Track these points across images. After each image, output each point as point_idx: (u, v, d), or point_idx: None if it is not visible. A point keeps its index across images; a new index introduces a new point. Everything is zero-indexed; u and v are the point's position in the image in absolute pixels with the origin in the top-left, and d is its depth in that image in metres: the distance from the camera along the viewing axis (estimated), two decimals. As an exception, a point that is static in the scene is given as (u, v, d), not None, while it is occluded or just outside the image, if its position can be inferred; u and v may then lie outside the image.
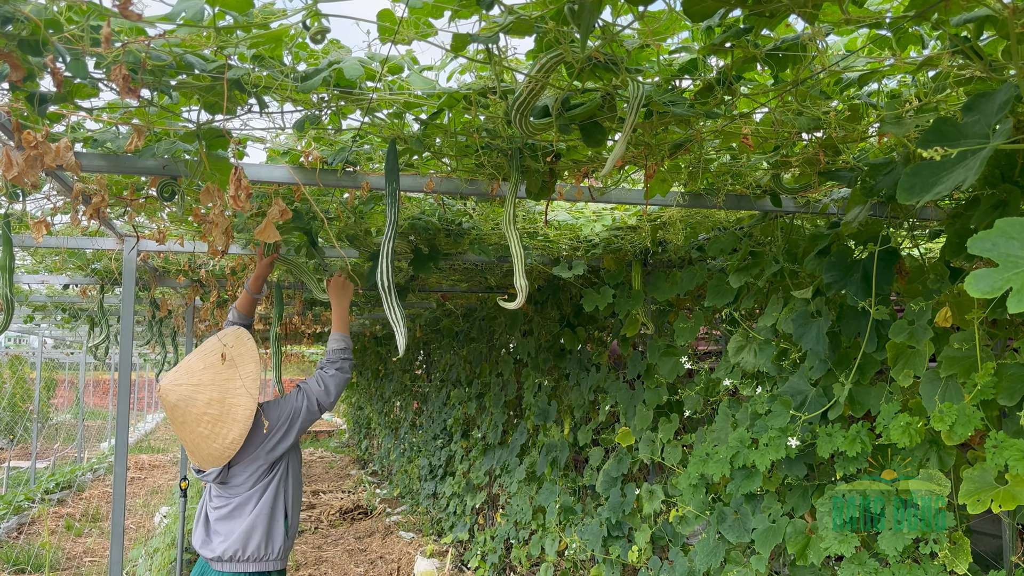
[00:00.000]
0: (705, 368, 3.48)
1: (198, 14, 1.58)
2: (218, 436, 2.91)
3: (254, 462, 3.03)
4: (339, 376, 3.20)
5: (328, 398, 3.16)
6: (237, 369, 3.00)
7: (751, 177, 2.66)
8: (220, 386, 2.94)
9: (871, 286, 2.36)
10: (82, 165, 2.27)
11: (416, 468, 8.91)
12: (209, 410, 2.90)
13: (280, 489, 3.08)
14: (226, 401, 2.93)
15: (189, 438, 2.94)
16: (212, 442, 2.91)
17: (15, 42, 1.60)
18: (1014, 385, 2.02)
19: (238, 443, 2.94)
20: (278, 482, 3.07)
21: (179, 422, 2.93)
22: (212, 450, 2.93)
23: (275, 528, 3.03)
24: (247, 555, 2.98)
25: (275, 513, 3.04)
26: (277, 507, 3.06)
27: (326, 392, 3.16)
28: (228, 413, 2.92)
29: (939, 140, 1.46)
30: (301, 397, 3.14)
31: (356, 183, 2.49)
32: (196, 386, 2.93)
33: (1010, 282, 1.07)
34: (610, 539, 3.93)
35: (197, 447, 2.95)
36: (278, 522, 3.05)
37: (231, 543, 2.97)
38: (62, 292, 6.26)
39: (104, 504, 10.02)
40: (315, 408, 3.15)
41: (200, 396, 2.91)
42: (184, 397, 2.91)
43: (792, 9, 1.49)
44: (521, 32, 1.64)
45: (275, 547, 3.03)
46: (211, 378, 2.95)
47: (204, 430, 2.90)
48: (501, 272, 4.99)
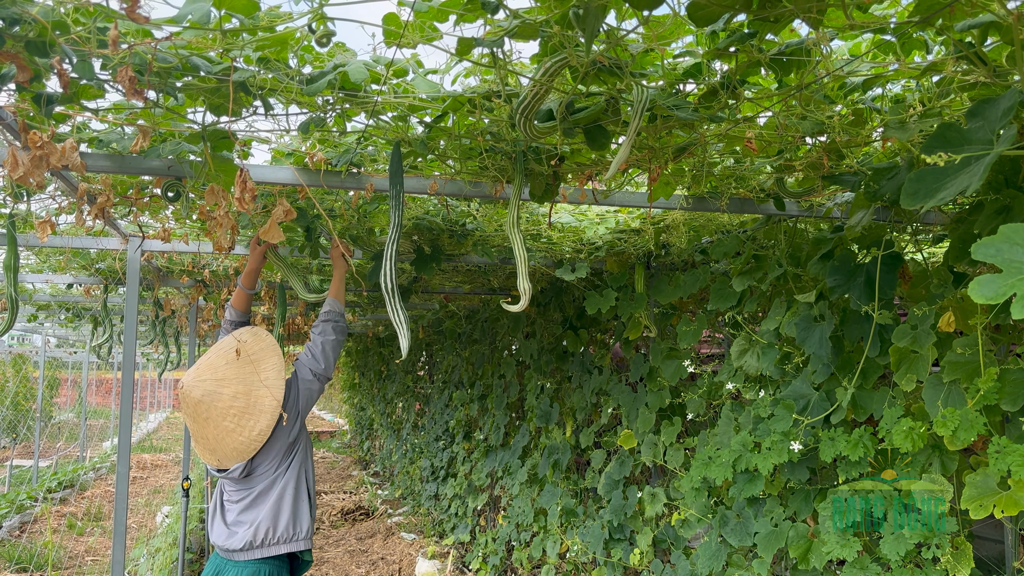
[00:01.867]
0: (708, 371, 3.48)
1: (204, 17, 1.59)
2: (244, 428, 2.94)
3: (273, 448, 3.04)
4: (322, 339, 3.15)
5: (318, 364, 3.13)
6: (259, 364, 3.05)
7: (755, 181, 2.66)
8: (244, 380, 2.98)
9: (874, 290, 2.36)
10: (87, 165, 2.27)
11: (418, 469, 8.91)
12: (235, 403, 2.94)
13: (301, 469, 3.10)
14: (252, 394, 2.97)
15: (213, 434, 2.95)
16: (238, 435, 2.94)
17: (22, 43, 1.60)
18: (1017, 390, 2.02)
19: (265, 434, 2.97)
20: (299, 463, 3.09)
21: (203, 418, 2.94)
22: (237, 444, 2.95)
23: (301, 507, 3.06)
24: (277, 536, 2.98)
25: (300, 492, 3.07)
26: (300, 487, 3.08)
27: (314, 359, 3.14)
28: (255, 405, 2.96)
29: (943, 146, 1.46)
30: (294, 376, 3.14)
31: (360, 185, 2.50)
32: (220, 380, 2.97)
33: (1014, 288, 1.07)
34: (612, 542, 3.93)
35: (221, 442, 2.95)
36: (303, 501, 3.08)
37: (259, 528, 2.98)
38: (66, 291, 6.28)
39: (106, 503, 10.03)
40: (309, 378, 3.13)
41: (226, 390, 2.95)
42: (209, 392, 2.94)
43: (797, 14, 1.49)
44: (526, 36, 1.65)
45: (303, 526, 3.05)
46: (235, 373, 2.99)
47: (230, 424, 2.93)
48: (504, 274, 5.00)
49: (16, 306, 2.84)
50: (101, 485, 11.65)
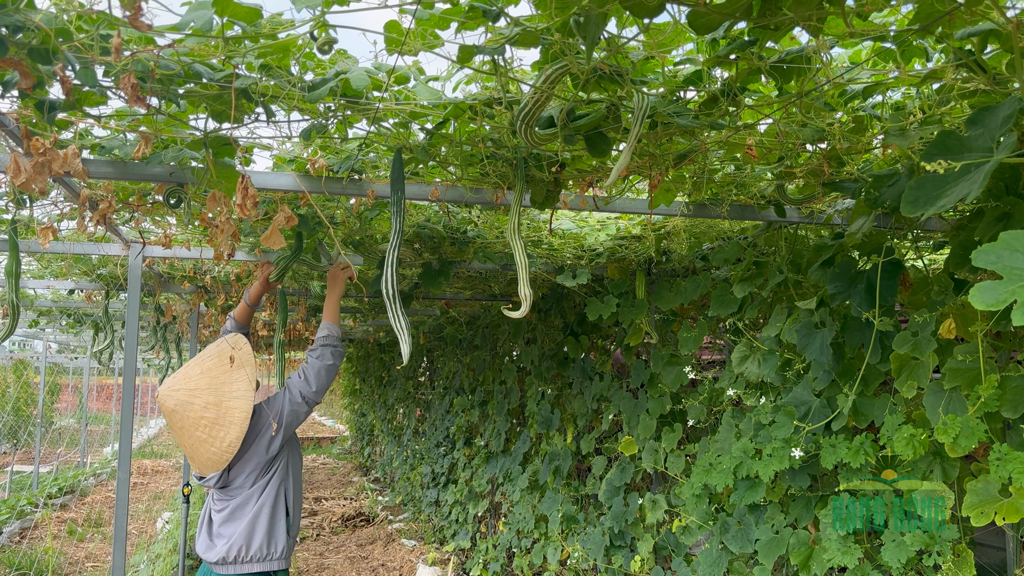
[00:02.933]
0: (709, 378, 3.48)
1: (207, 24, 1.60)
2: (215, 440, 2.94)
3: (250, 462, 3.03)
4: (318, 364, 3.12)
5: (310, 387, 3.10)
6: (232, 373, 3.03)
7: (755, 187, 2.67)
8: (216, 390, 2.98)
9: (875, 297, 2.36)
10: (89, 172, 2.28)
11: (418, 475, 8.90)
12: (206, 414, 2.94)
13: (280, 488, 3.07)
14: (222, 404, 2.96)
15: (188, 443, 2.96)
16: (210, 446, 2.94)
17: (25, 50, 1.61)
18: (1018, 397, 2.02)
19: (235, 446, 2.95)
20: (278, 482, 3.06)
21: (178, 427, 2.96)
22: (210, 454, 2.95)
23: (277, 527, 3.04)
24: (250, 555, 2.98)
25: (276, 512, 3.04)
26: (278, 506, 3.05)
27: (306, 382, 3.10)
28: (225, 416, 2.95)
29: (943, 153, 1.46)
30: (284, 395, 3.11)
31: (362, 191, 2.51)
32: (193, 391, 2.97)
33: (1014, 295, 1.08)
34: (613, 548, 3.92)
35: (196, 452, 2.96)
36: (279, 521, 3.05)
37: (233, 543, 2.97)
38: (67, 297, 6.28)
39: (107, 509, 10.02)
40: (299, 400, 3.09)
41: (197, 400, 2.95)
42: (181, 402, 2.94)
43: (797, 22, 1.49)
44: (527, 44, 1.65)
45: (278, 546, 3.03)
46: (208, 383, 2.99)
47: (202, 434, 2.93)
48: (505, 280, 5.00)
49: (17, 312, 2.84)
50: (102, 491, 11.64)
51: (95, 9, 1.58)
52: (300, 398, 3.10)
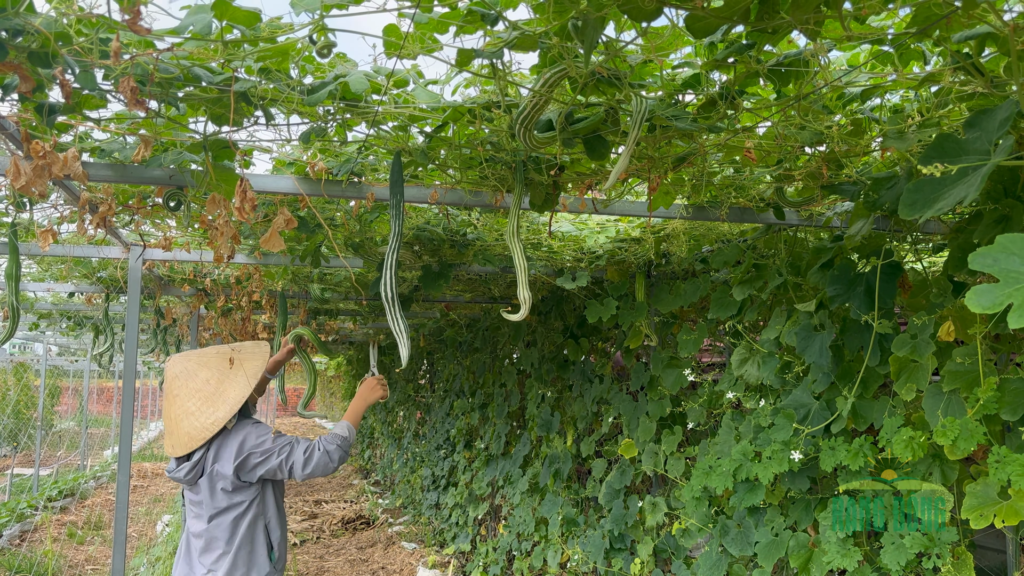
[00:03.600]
0: (709, 380, 3.48)
1: (206, 28, 1.60)
2: (203, 414, 2.96)
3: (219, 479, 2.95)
4: (323, 458, 3.01)
5: (302, 470, 2.99)
6: (243, 364, 3.10)
7: (754, 190, 2.67)
8: (222, 371, 3.07)
9: (874, 300, 2.36)
10: (89, 175, 2.28)
11: (419, 478, 8.90)
12: (205, 387, 3.01)
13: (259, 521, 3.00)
14: (223, 383, 3.03)
15: (175, 414, 2.97)
16: (196, 419, 2.94)
17: (25, 54, 1.62)
18: (1017, 400, 2.02)
19: (219, 423, 2.92)
20: (255, 515, 2.99)
21: (172, 394, 3.03)
22: (192, 428, 2.93)
23: (257, 558, 2.97)
24: None
25: (256, 545, 2.98)
26: (257, 539, 2.98)
27: (304, 463, 2.99)
28: (220, 394, 2.99)
29: (940, 156, 1.46)
30: (284, 446, 3.01)
31: (361, 194, 2.51)
32: (201, 364, 3.09)
33: (1011, 297, 1.08)
34: (613, 551, 3.92)
35: (179, 425, 2.94)
36: (259, 551, 2.98)
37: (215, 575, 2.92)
38: (67, 300, 6.28)
39: (107, 512, 10.02)
40: (284, 469, 2.99)
41: (201, 373, 3.05)
42: (187, 370, 3.05)
43: (794, 25, 1.50)
44: (525, 47, 1.66)
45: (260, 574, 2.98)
46: (217, 363, 3.10)
47: (192, 406, 2.97)
48: (505, 282, 5.00)
49: (18, 315, 2.85)
50: (102, 494, 11.64)
51: (94, 13, 1.59)
52: (288, 468, 2.99)
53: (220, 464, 2.93)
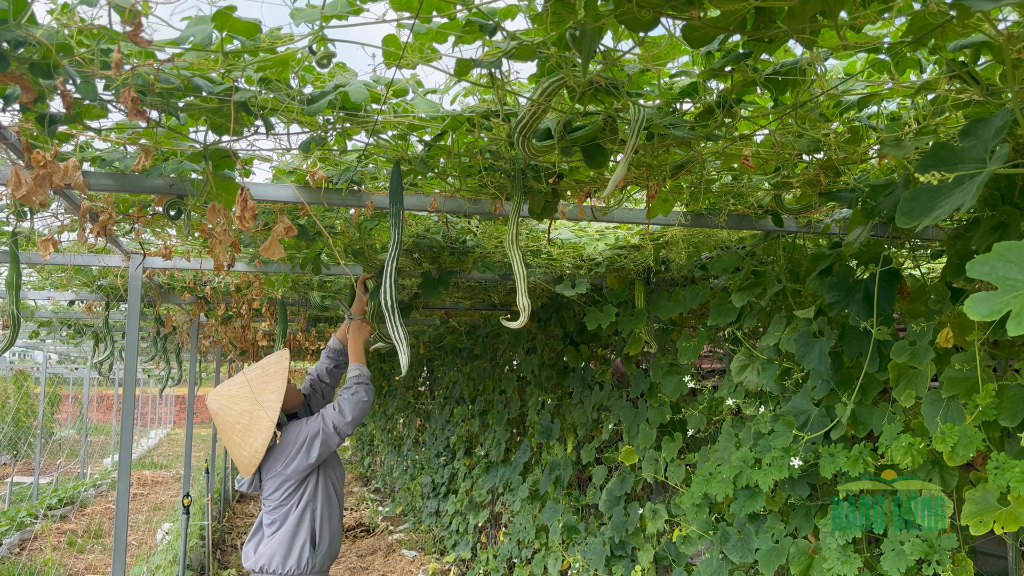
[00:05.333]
0: (708, 387, 3.48)
1: (206, 38, 1.61)
2: (246, 444, 3.17)
3: (278, 478, 3.22)
4: (353, 399, 3.29)
5: (343, 419, 3.26)
6: (269, 384, 3.25)
7: (753, 197, 2.68)
8: (251, 399, 3.23)
9: (873, 306, 2.36)
10: (90, 184, 2.29)
11: (419, 485, 8.88)
12: (241, 419, 3.19)
13: (307, 510, 3.23)
14: (255, 412, 3.18)
15: (228, 444, 3.25)
16: (242, 450, 3.17)
17: (26, 65, 1.62)
18: (1016, 406, 2.02)
19: (260, 452, 3.15)
20: (305, 503, 3.23)
21: (220, 428, 3.26)
22: (242, 457, 3.19)
23: (295, 546, 3.19)
24: (271, 569, 3.16)
25: (299, 532, 3.20)
26: (301, 527, 3.20)
27: (340, 413, 3.27)
28: (255, 424, 3.17)
29: (937, 165, 1.47)
30: (318, 420, 3.27)
31: (361, 202, 2.52)
32: (233, 397, 3.25)
33: (1009, 305, 1.08)
34: (613, 558, 3.91)
35: (233, 453, 3.23)
36: (300, 540, 3.19)
37: (261, 556, 3.19)
38: (68, 308, 6.29)
39: (107, 520, 10.00)
40: (331, 430, 3.24)
41: (235, 406, 3.22)
42: (223, 406, 3.24)
43: (791, 34, 1.51)
44: (523, 57, 1.67)
45: (292, 562, 3.18)
46: (247, 391, 3.25)
47: (236, 438, 3.19)
48: (505, 289, 5.01)
49: (18, 323, 2.85)
50: (102, 502, 11.62)
51: (96, 24, 1.60)
52: (332, 428, 3.26)
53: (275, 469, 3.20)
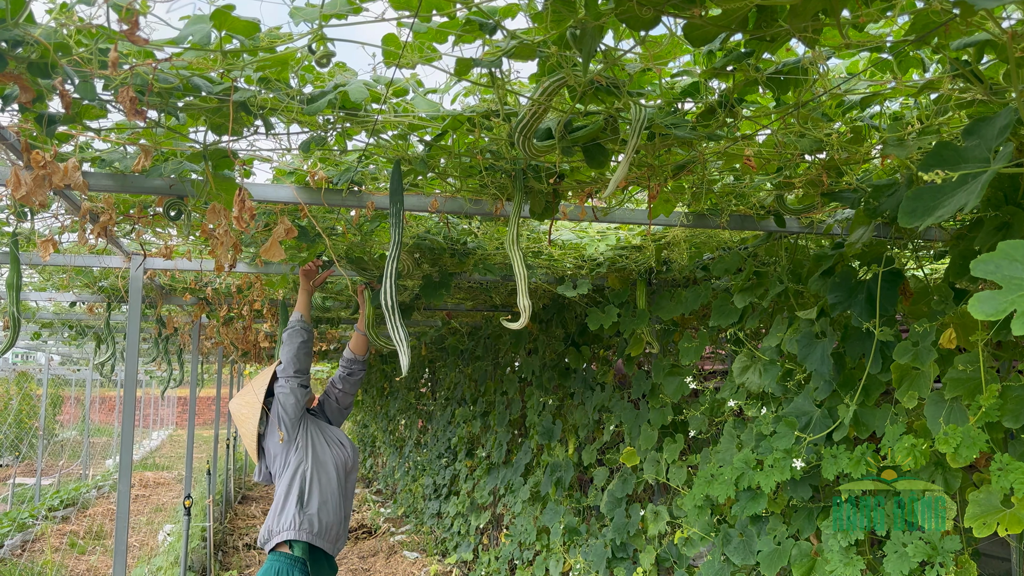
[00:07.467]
0: (710, 388, 3.47)
1: (205, 38, 1.60)
2: (246, 435, 3.54)
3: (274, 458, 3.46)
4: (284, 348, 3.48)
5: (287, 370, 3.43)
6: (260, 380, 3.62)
7: (755, 198, 2.67)
8: (251, 392, 3.59)
9: (875, 307, 2.35)
10: (90, 185, 2.29)
11: (420, 487, 8.87)
12: (242, 410, 3.57)
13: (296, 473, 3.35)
14: (252, 402, 3.55)
15: (242, 437, 3.61)
16: (246, 436, 3.55)
17: (25, 65, 1.62)
18: (1019, 407, 2.01)
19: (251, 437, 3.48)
20: (295, 466, 3.36)
21: (236, 426, 3.66)
22: (248, 442, 3.54)
23: (287, 505, 3.30)
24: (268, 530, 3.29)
25: (289, 494, 3.31)
26: (292, 487, 3.32)
27: (285, 368, 3.45)
28: (251, 410, 3.52)
29: (940, 164, 1.46)
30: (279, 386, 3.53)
31: (361, 203, 2.51)
32: (242, 394, 3.66)
33: (1014, 304, 1.07)
34: (615, 560, 3.90)
35: (244, 443, 3.59)
36: (291, 500, 3.30)
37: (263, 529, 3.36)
38: (69, 309, 6.28)
39: (108, 521, 10.00)
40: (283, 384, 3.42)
41: (242, 400, 3.61)
42: (235, 405, 3.65)
43: (792, 33, 1.50)
44: (524, 56, 1.66)
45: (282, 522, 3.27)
46: (249, 389, 3.64)
47: (243, 429, 3.56)
48: (506, 291, 5.00)
49: (19, 324, 2.85)
50: (103, 503, 11.62)
51: (94, 23, 1.59)
52: (284, 382, 3.43)
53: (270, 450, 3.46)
